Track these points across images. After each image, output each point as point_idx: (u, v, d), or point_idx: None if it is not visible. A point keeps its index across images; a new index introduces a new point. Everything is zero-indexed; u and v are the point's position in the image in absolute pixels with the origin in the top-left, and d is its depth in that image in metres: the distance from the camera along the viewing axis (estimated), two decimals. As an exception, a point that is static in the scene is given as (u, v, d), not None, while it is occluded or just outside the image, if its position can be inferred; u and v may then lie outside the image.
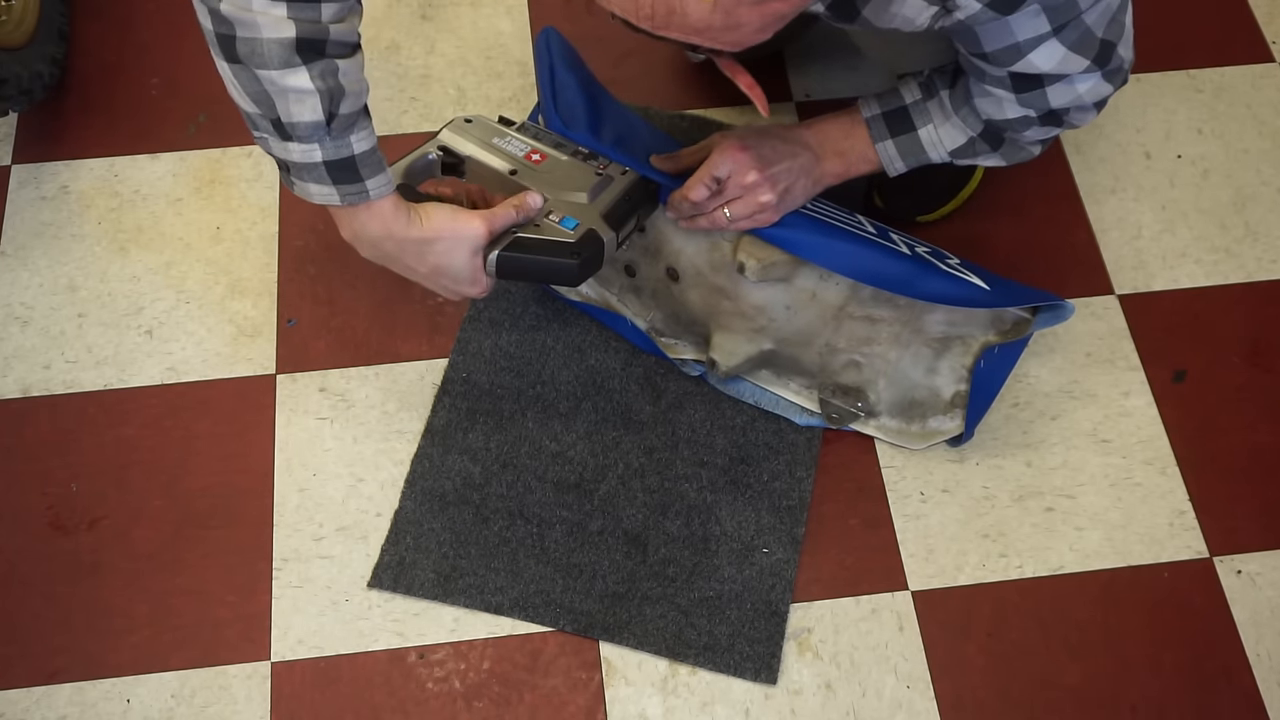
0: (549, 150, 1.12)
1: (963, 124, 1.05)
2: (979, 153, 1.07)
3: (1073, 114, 1.03)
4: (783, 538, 1.17)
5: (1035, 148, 1.09)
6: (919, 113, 1.05)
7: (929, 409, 1.21)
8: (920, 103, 1.06)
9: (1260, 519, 1.21)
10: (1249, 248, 1.36)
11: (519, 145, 1.12)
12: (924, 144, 1.07)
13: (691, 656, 1.11)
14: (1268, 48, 1.50)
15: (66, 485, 1.19)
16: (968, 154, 1.07)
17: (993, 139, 1.05)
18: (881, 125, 1.07)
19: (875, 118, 1.07)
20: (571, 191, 1.07)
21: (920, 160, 1.08)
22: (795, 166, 1.08)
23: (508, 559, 1.15)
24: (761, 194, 1.06)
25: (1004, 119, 1.03)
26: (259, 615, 1.13)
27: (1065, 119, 1.04)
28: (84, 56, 1.45)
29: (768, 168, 1.06)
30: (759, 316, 1.15)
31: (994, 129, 1.05)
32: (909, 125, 1.06)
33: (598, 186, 1.08)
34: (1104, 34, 0.93)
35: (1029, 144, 1.08)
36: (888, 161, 1.08)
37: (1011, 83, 0.98)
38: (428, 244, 0.98)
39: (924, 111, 1.05)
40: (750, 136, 1.09)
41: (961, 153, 1.06)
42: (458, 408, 1.22)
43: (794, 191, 1.08)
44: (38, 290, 1.29)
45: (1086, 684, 1.12)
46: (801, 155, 1.08)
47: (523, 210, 1.03)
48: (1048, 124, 1.03)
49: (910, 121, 1.06)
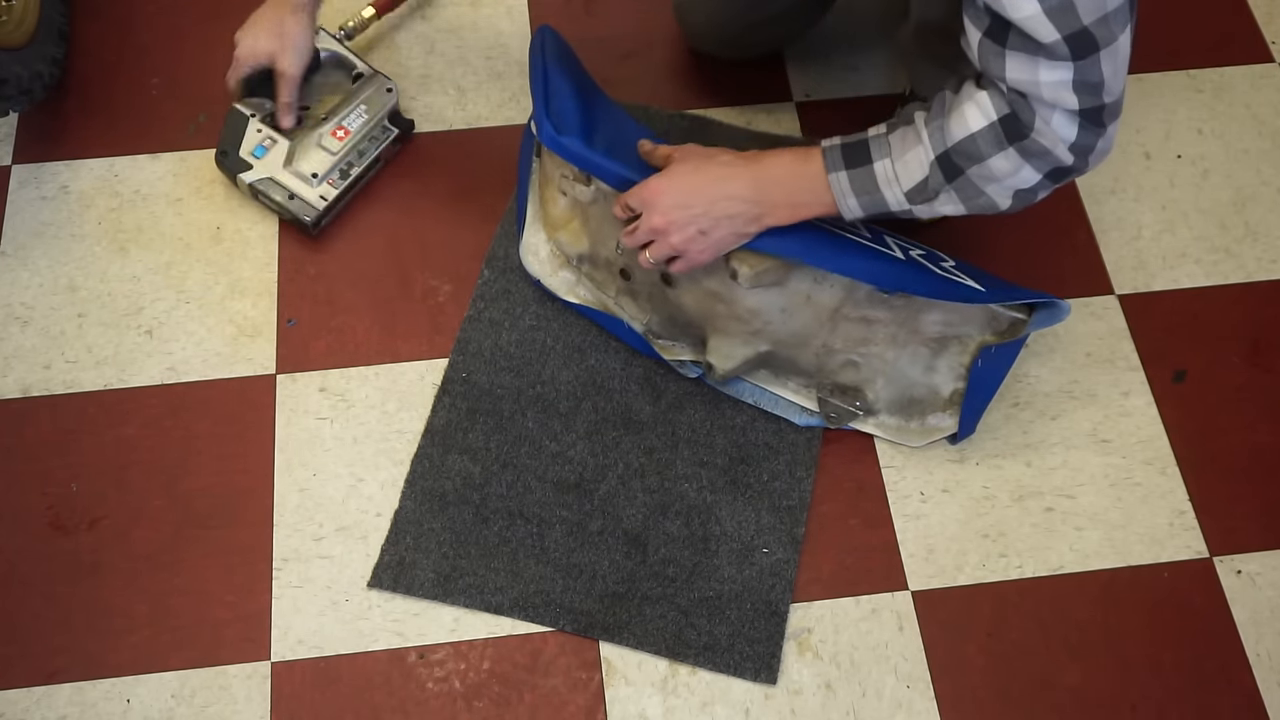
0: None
1: (927, 146, 0.97)
2: (935, 193, 0.98)
3: (1037, 126, 0.93)
4: (783, 538, 1.17)
5: (996, 192, 0.98)
6: (878, 146, 0.99)
7: (928, 406, 1.21)
8: (883, 136, 0.99)
9: (1260, 519, 1.21)
10: (1249, 248, 1.36)
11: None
12: (879, 179, 0.99)
13: (691, 656, 1.11)
14: (1268, 48, 1.50)
15: (66, 485, 1.19)
16: (924, 196, 0.99)
17: (950, 169, 0.97)
18: (838, 155, 1.00)
19: (833, 148, 1.01)
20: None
21: (876, 203, 1.00)
22: (721, 211, 1.03)
23: (508, 559, 1.15)
24: (672, 238, 1.04)
25: (968, 133, 0.95)
26: (259, 615, 1.13)
27: (1031, 137, 0.93)
28: (84, 56, 1.45)
29: (684, 212, 1.03)
30: (754, 320, 1.15)
31: (953, 158, 0.96)
32: (865, 158, 0.99)
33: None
34: (1088, 22, 0.88)
35: (989, 184, 0.97)
36: (840, 196, 1.00)
37: (987, 19, 0.91)
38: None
39: (884, 145, 0.98)
40: (685, 171, 1.04)
41: (917, 194, 0.98)
42: (458, 408, 1.22)
43: (715, 235, 1.04)
44: (38, 290, 1.29)
45: (1086, 684, 1.12)
46: (734, 200, 1.03)
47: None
48: (1013, 140, 0.94)
49: (868, 153, 0.99)
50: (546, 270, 1.27)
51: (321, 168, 1.30)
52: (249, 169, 1.31)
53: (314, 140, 1.32)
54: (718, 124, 1.41)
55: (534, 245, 1.28)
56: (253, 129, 1.32)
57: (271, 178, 1.30)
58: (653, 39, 1.47)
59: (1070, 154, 0.94)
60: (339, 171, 1.31)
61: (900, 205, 1.00)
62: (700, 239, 1.04)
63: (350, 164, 1.32)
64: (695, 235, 1.04)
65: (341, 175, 1.31)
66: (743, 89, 1.44)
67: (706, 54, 1.44)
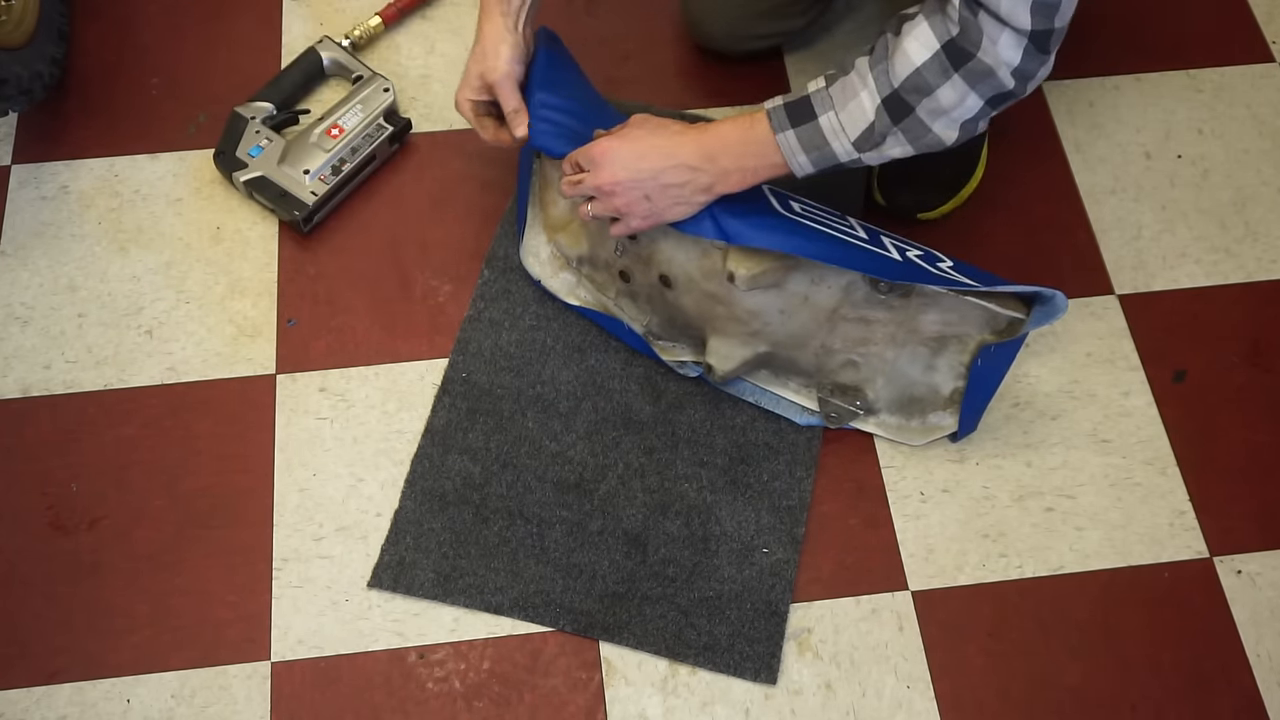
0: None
1: (871, 90, 0.97)
2: (882, 137, 0.98)
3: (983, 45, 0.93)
4: (783, 538, 1.17)
5: (944, 126, 0.98)
6: (820, 100, 0.99)
7: (928, 405, 1.21)
8: (823, 90, 1.00)
9: (1260, 519, 1.21)
10: (1249, 248, 1.36)
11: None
12: (825, 133, 0.99)
13: (691, 656, 1.11)
14: (1268, 48, 1.50)
15: (66, 485, 1.19)
16: (871, 142, 0.99)
17: (897, 109, 0.97)
18: (782, 115, 1.01)
19: (776, 109, 1.01)
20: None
21: (825, 157, 1.01)
22: (669, 179, 1.03)
23: (508, 559, 1.15)
24: (616, 199, 1.05)
25: (912, 67, 0.95)
26: (259, 615, 1.13)
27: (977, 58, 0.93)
28: (84, 56, 1.45)
29: (631, 175, 1.03)
30: (753, 321, 1.15)
31: (902, 95, 0.96)
32: (809, 114, 1.00)
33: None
34: None
35: (938, 118, 0.98)
36: (790, 155, 1.01)
37: None
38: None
39: (825, 99, 0.99)
40: (635, 136, 1.05)
41: (865, 141, 0.99)
42: (458, 408, 1.22)
43: (659, 203, 1.05)
44: (38, 290, 1.29)
45: (1086, 684, 1.12)
46: (682, 168, 1.03)
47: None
48: (958, 64, 0.94)
49: (810, 109, 1.00)
50: (547, 272, 1.27)
51: (313, 164, 1.30)
52: (244, 167, 1.31)
53: (308, 139, 1.32)
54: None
55: (534, 247, 1.28)
56: (251, 130, 1.33)
57: (265, 175, 1.31)
58: (653, 39, 1.47)
59: (1012, 78, 0.95)
60: (331, 168, 1.31)
61: (849, 155, 1.01)
62: (644, 204, 1.05)
63: (343, 160, 1.32)
64: (639, 200, 1.05)
65: (334, 172, 1.31)
66: (743, 89, 1.44)
67: (709, 50, 1.44)
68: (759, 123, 1.02)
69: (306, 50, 1.41)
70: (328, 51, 1.40)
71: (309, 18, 1.48)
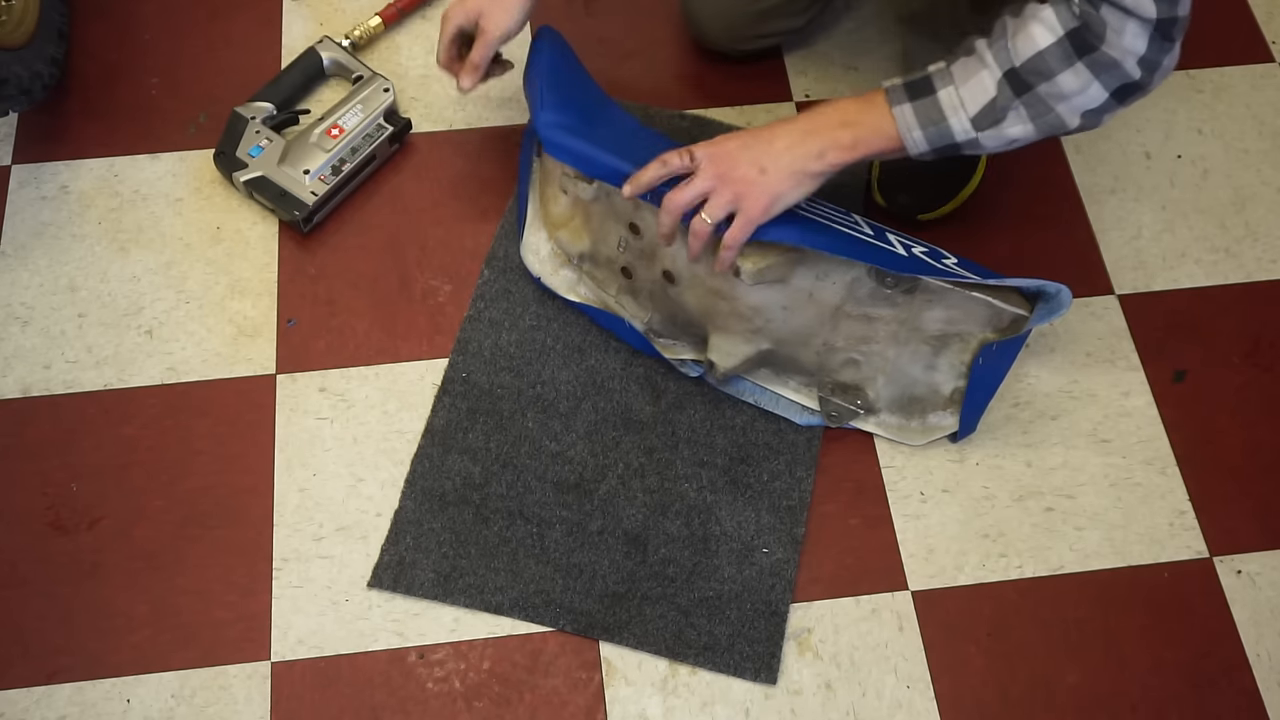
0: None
1: (993, 68, 0.96)
2: (1004, 115, 0.97)
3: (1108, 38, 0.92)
4: (782, 538, 1.17)
5: (1066, 110, 0.97)
6: (940, 77, 0.99)
7: (929, 405, 1.21)
8: (944, 69, 0.99)
9: (1260, 519, 1.21)
10: (1249, 248, 1.36)
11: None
12: (944, 107, 0.98)
13: (691, 656, 1.11)
14: (1268, 48, 1.50)
15: (66, 485, 1.19)
16: (991, 118, 0.97)
17: (1019, 85, 0.96)
18: (900, 91, 1.00)
19: (895, 86, 1.01)
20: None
21: (942, 133, 0.99)
22: (782, 145, 1.02)
23: (508, 559, 1.15)
24: (733, 179, 1.01)
25: (1035, 50, 0.94)
26: (259, 615, 1.13)
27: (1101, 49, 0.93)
28: (84, 56, 1.45)
29: (745, 152, 1.02)
30: (756, 317, 1.15)
31: (1022, 75, 0.95)
32: (929, 88, 0.99)
33: None
34: None
35: (1060, 102, 0.96)
36: (905, 130, 0.99)
37: None
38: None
39: (946, 75, 0.99)
40: (742, 131, 1.05)
41: (985, 117, 0.97)
42: (458, 408, 1.23)
43: (774, 173, 1.01)
44: (38, 290, 1.29)
45: (1086, 684, 1.12)
46: (793, 133, 1.02)
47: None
48: (1082, 53, 0.93)
49: (930, 85, 0.99)
50: (547, 269, 1.27)
51: (313, 164, 1.30)
52: (244, 167, 1.31)
53: (308, 139, 1.32)
54: (718, 124, 1.41)
55: (534, 244, 1.28)
56: (251, 130, 1.33)
57: (265, 175, 1.31)
58: (653, 39, 1.47)
59: (1139, 68, 0.94)
60: (331, 168, 1.31)
61: (966, 133, 0.99)
62: (760, 180, 1.01)
63: (343, 160, 1.32)
64: (755, 175, 1.01)
65: (334, 172, 1.31)
66: (743, 89, 1.44)
67: (709, 48, 1.44)
68: (876, 97, 1.01)
69: (306, 50, 1.41)
70: (328, 51, 1.40)
71: (309, 18, 1.48)
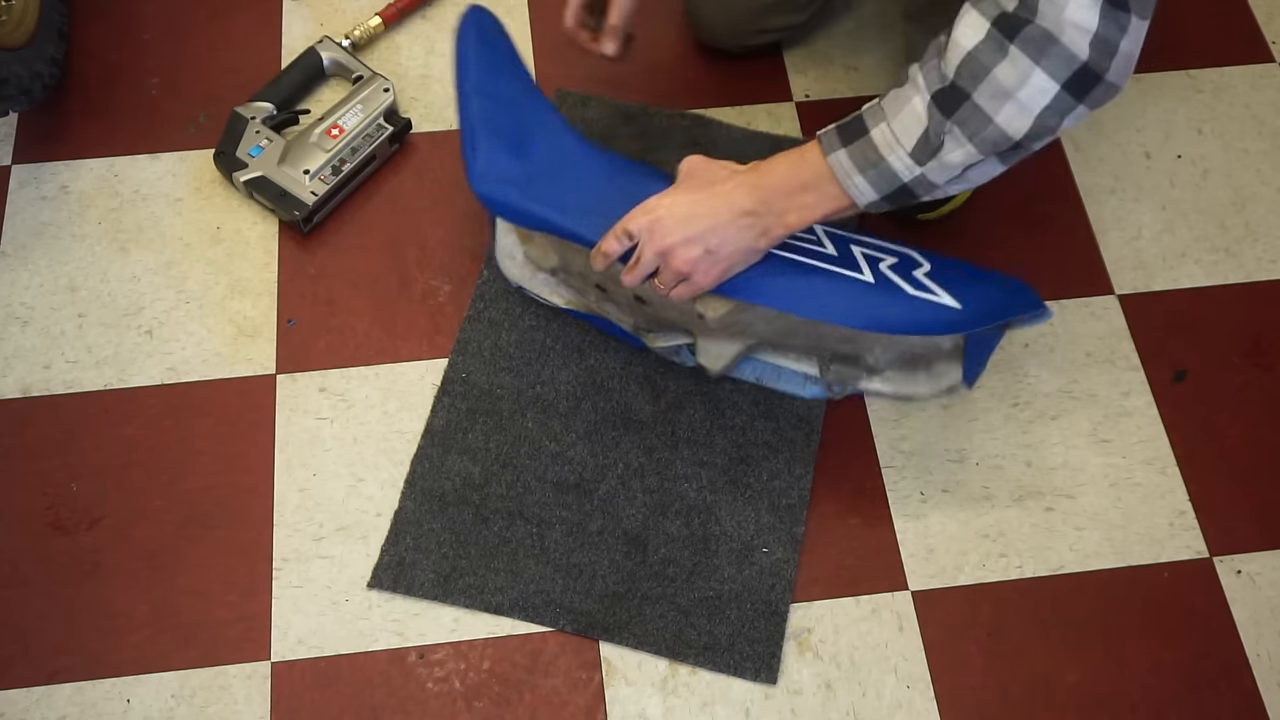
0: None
1: (923, 89, 0.89)
2: (940, 141, 0.89)
3: (1041, 8, 0.83)
4: (782, 537, 1.17)
5: (1010, 115, 0.87)
6: (872, 114, 0.93)
7: (932, 358, 1.18)
8: (875, 105, 0.93)
9: (1260, 519, 1.21)
10: (1249, 248, 1.36)
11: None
12: (879, 147, 0.91)
13: (691, 656, 1.11)
14: (1268, 48, 1.50)
15: (66, 485, 1.19)
16: (929, 149, 0.90)
17: (948, 103, 0.87)
18: (833, 136, 0.94)
19: (828, 132, 0.95)
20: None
21: (885, 177, 0.92)
22: (728, 227, 0.98)
23: (507, 559, 1.15)
24: (677, 261, 0.99)
25: (964, 53, 0.86)
26: (259, 615, 1.13)
27: (1034, 23, 0.84)
28: (84, 56, 1.45)
29: (689, 229, 0.98)
30: (736, 328, 1.14)
31: (957, 84, 0.87)
32: (861, 129, 0.92)
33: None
34: None
35: (1001, 104, 0.87)
36: (845, 178, 0.93)
37: None
38: None
39: (877, 111, 0.92)
40: (684, 190, 1.00)
41: (922, 149, 0.90)
42: (457, 408, 1.23)
43: (723, 254, 0.99)
44: (38, 290, 1.29)
45: (1086, 684, 1.12)
46: (739, 213, 0.98)
47: None
48: (1012, 33, 0.84)
49: (863, 125, 0.92)
50: (525, 274, 1.26)
51: (313, 164, 1.30)
52: (244, 167, 1.31)
53: (308, 139, 1.32)
54: (718, 124, 1.41)
55: (508, 247, 1.26)
56: (251, 130, 1.33)
57: (265, 175, 1.31)
58: (653, 39, 1.47)
59: (1089, 48, 0.83)
60: (331, 168, 1.31)
61: (910, 170, 0.92)
62: (708, 259, 0.99)
63: (343, 160, 1.32)
64: (702, 255, 0.98)
65: (334, 172, 1.31)
66: (743, 89, 1.44)
67: (710, 46, 1.44)
68: (810, 151, 0.96)
69: (306, 50, 1.41)
70: (328, 51, 1.40)
71: (309, 18, 1.48)
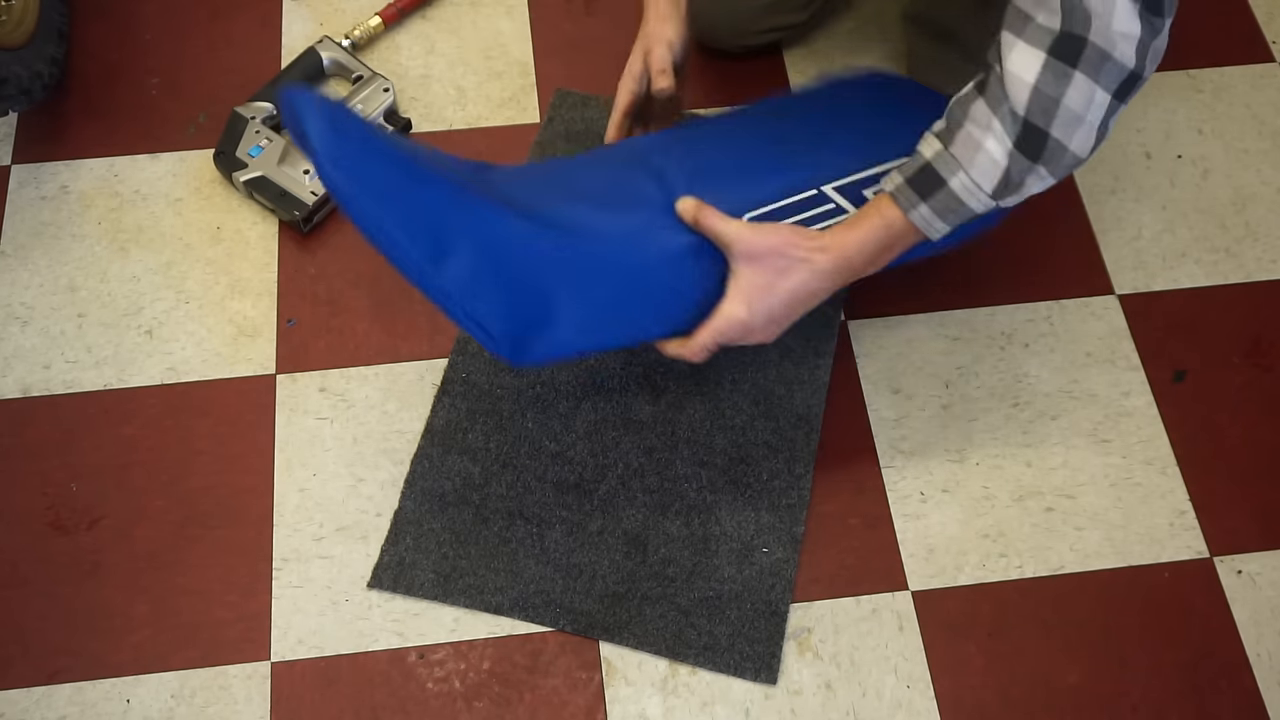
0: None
1: (999, 134, 0.91)
2: (1021, 178, 0.93)
3: (1094, 28, 0.87)
4: (782, 537, 1.17)
5: (1082, 138, 0.91)
6: (944, 164, 0.94)
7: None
8: (944, 153, 0.94)
9: (1260, 519, 1.21)
10: (1249, 248, 1.36)
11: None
12: (960, 195, 0.94)
13: (691, 656, 1.11)
14: (1268, 48, 1.50)
15: (66, 485, 1.19)
16: (1010, 187, 0.93)
17: (1031, 144, 0.91)
18: (909, 193, 0.95)
19: (900, 188, 0.96)
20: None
21: (962, 215, 0.96)
22: (809, 305, 1.02)
23: (507, 559, 1.15)
24: (754, 338, 1.03)
25: (1029, 87, 0.89)
26: (259, 615, 1.13)
27: (1090, 43, 0.87)
28: (84, 56, 1.45)
29: (778, 327, 1.03)
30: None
31: (1032, 123, 0.90)
32: (938, 181, 0.94)
33: None
34: None
35: (1074, 131, 0.90)
36: (927, 227, 0.96)
37: None
38: None
39: (949, 161, 0.93)
40: (762, 286, 1.00)
41: (1002, 189, 0.93)
42: (457, 408, 1.23)
43: (794, 319, 1.04)
44: (38, 290, 1.30)
45: (1086, 684, 1.12)
46: (821, 294, 1.01)
47: None
48: (1072, 58, 0.87)
49: (938, 177, 0.94)
50: None
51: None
52: (244, 167, 1.31)
53: None
54: (718, 124, 1.41)
55: None
56: (251, 130, 1.33)
57: (265, 175, 1.31)
58: (653, 39, 1.47)
59: (1134, 55, 0.88)
60: None
61: (986, 205, 0.95)
62: (768, 326, 1.02)
63: None
64: (762, 324, 1.02)
65: None
66: (743, 89, 1.43)
67: (711, 45, 1.44)
68: (888, 211, 0.97)
69: (306, 50, 1.41)
70: (328, 51, 1.41)
71: (309, 18, 1.48)
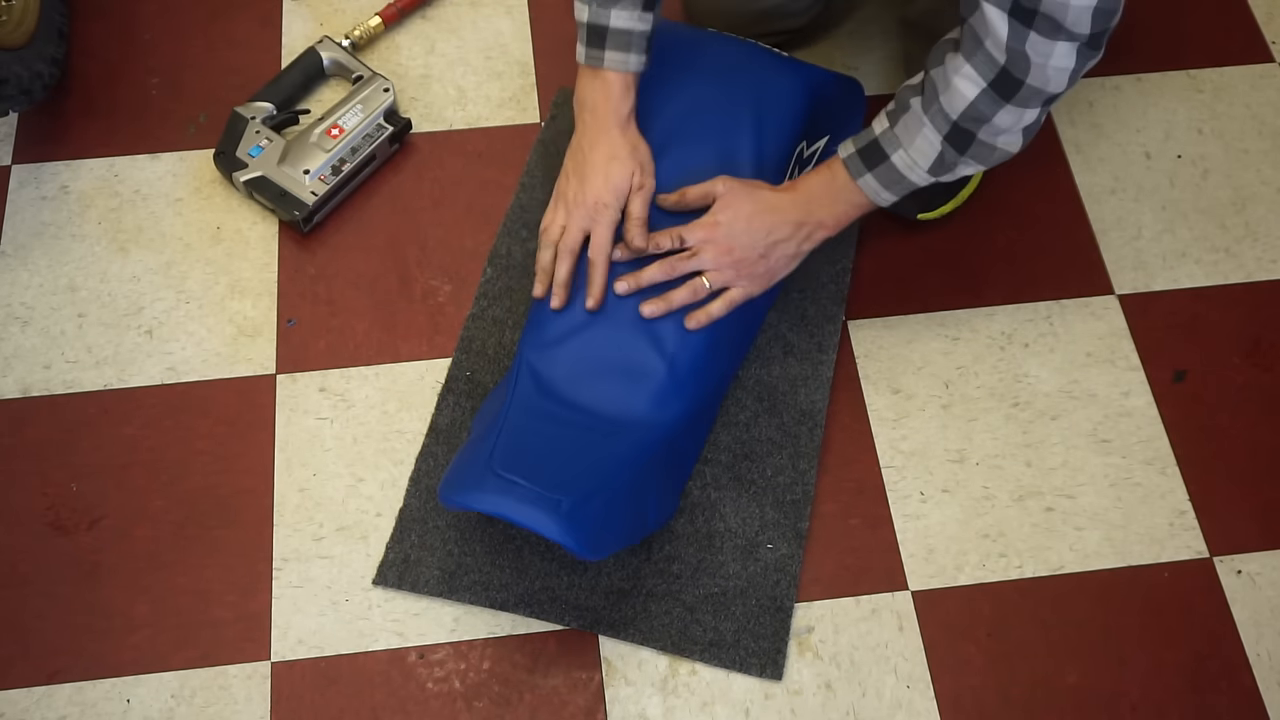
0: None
1: (931, 128, 1.04)
2: (953, 163, 1.07)
3: (1031, 73, 0.97)
4: (787, 533, 1.17)
5: (1008, 141, 1.04)
6: (889, 141, 1.07)
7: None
8: (889, 131, 1.08)
9: (1260, 519, 1.21)
10: (1249, 248, 1.36)
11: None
12: (900, 169, 1.08)
13: (697, 653, 1.11)
14: (1268, 48, 1.50)
15: (66, 485, 1.19)
16: (943, 168, 1.07)
17: (960, 140, 1.04)
18: (858, 161, 1.10)
19: (851, 156, 1.10)
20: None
21: (905, 186, 1.10)
22: (779, 233, 1.12)
23: (512, 556, 1.15)
24: (734, 262, 1.12)
25: (966, 102, 1.01)
26: (259, 615, 1.13)
27: (1026, 85, 0.98)
28: (84, 56, 1.44)
29: (746, 238, 1.12)
30: None
31: (961, 126, 1.03)
32: (881, 155, 1.08)
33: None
34: None
35: (999, 136, 1.03)
36: (874, 194, 1.11)
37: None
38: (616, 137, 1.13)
39: (893, 139, 1.07)
40: (733, 205, 1.12)
41: (938, 168, 1.07)
42: (461, 406, 1.22)
43: (772, 259, 1.13)
44: (38, 290, 1.29)
45: (1086, 684, 1.12)
46: (787, 224, 1.13)
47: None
48: (1008, 96, 0.99)
49: (882, 151, 1.08)
50: None
51: (313, 164, 1.30)
52: (244, 167, 1.31)
53: (308, 139, 1.32)
54: (718, 124, 1.41)
55: None
56: (251, 130, 1.33)
57: (265, 175, 1.31)
58: (653, 39, 1.47)
59: (1065, 81, 0.99)
60: (331, 168, 1.31)
61: (925, 180, 1.09)
62: (761, 263, 1.13)
63: (343, 160, 1.32)
64: (756, 259, 1.13)
65: (334, 172, 1.31)
66: (743, 89, 1.43)
67: None
68: (838, 173, 1.12)
69: (306, 50, 1.41)
70: (328, 51, 1.40)
71: (309, 18, 1.48)
